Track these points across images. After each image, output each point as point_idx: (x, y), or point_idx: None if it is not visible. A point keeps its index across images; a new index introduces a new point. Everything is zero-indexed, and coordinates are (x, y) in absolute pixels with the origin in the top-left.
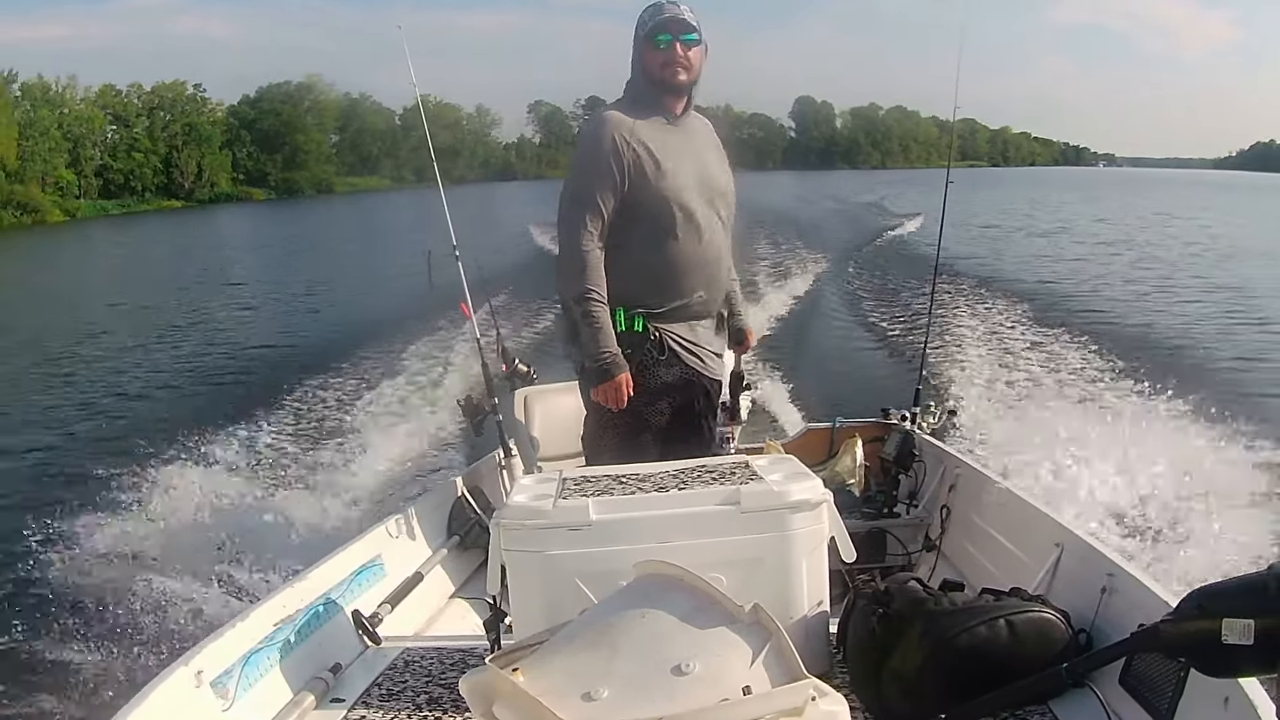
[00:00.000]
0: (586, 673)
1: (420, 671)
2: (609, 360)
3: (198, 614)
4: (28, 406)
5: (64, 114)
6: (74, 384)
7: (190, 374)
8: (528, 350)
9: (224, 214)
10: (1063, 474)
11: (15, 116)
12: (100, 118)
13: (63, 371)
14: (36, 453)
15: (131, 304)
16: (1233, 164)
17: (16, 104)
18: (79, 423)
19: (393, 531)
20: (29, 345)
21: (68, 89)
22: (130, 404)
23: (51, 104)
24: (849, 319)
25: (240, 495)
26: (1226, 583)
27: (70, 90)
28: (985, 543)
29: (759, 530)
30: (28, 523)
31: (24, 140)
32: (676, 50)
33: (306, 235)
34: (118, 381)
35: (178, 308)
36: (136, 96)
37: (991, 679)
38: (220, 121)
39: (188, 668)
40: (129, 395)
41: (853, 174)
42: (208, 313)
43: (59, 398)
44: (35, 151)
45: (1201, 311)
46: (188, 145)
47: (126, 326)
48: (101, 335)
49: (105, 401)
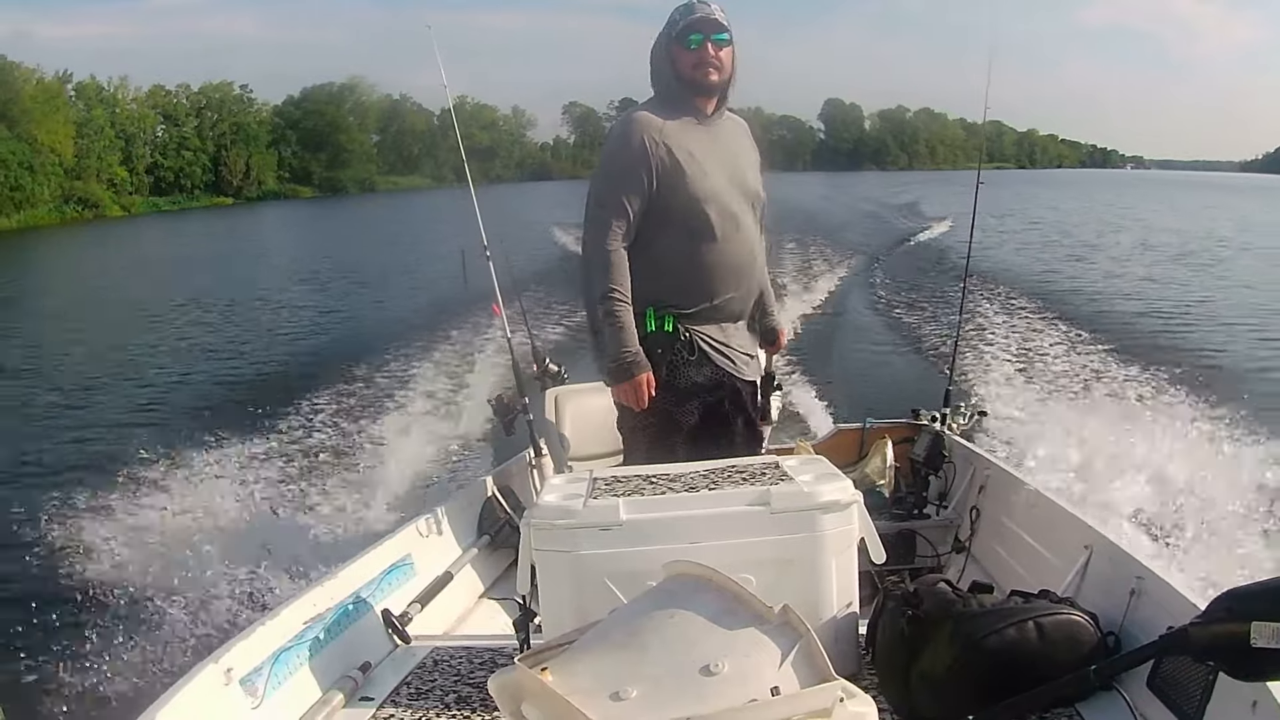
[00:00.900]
0: (615, 673)
1: (449, 671)
2: (630, 359)
3: (227, 612)
4: (76, 393)
5: (116, 113)
6: (109, 378)
7: (226, 371)
8: (558, 350)
9: (272, 211)
10: (1092, 476)
11: (72, 115)
12: (152, 117)
13: (107, 364)
14: (72, 443)
15: (182, 298)
16: (1258, 167)
17: (71, 103)
18: (111, 415)
19: (423, 531)
20: (81, 336)
21: (119, 89)
22: (165, 396)
23: (105, 104)
24: (879, 320)
25: (270, 494)
26: (1256, 585)
27: (122, 90)
28: (1014, 544)
29: (789, 531)
30: (59, 515)
31: (80, 138)
32: (708, 50)
33: (346, 233)
34: (153, 376)
35: (222, 305)
36: (185, 96)
37: (1020, 681)
38: (266, 121)
39: (217, 665)
40: (162, 388)
41: (881, 175)
42: (248, 309)
43: (97, 389)
44: (91, 149)
45: (1238, 316)
46: (236, 144)
47: (170, 322)
48: (148, 330)
49: (142, 394)
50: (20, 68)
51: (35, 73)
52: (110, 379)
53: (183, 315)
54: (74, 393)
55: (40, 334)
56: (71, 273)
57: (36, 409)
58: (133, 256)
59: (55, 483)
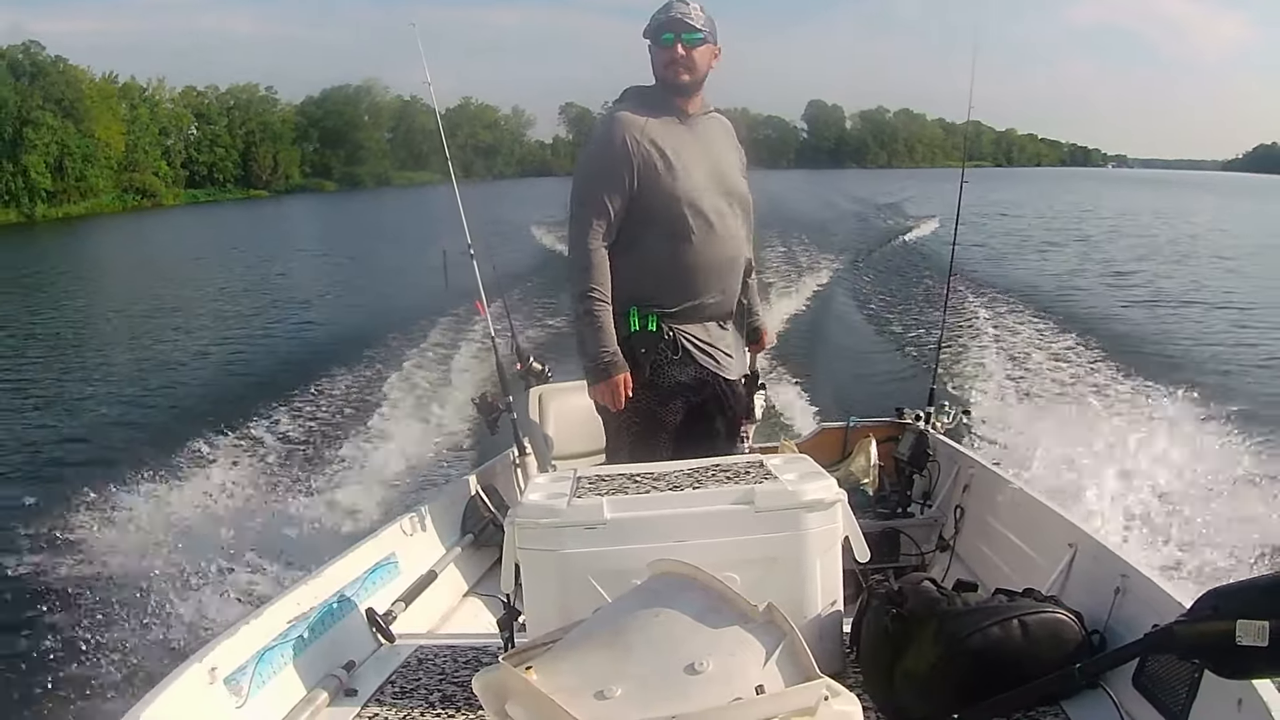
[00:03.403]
0: (600, 671)
1: (434, 669)
2: (607, 360)
3: (211, 611)
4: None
5: (155, 112)
6: (108, 379)
7: (216, 365)
8: (542, 348)
9: (301, 203)
10: (1076, 474)
11: (120, 113)
12: (187, 116)
13: (108, 361)
14: (49, 444)
15: (217, 288)
16: (1239, 166)
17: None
18: (87, 414)
19: (407, 529)
20: (88, 330)
21: (157, 89)
22: (152, 396)
23: (147, 103)
24: (863, 319)
25: (254, 492)
26: (1241, 584)
27: (159, 90)
28: (999, 543)
29: (773, 530)
30: (42, 513)
31: (128, 134)
32: (678, 50)
33: (348, 228)
34: (153, 378)
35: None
36: (214, 97)
37: (1005, 679)
38: (289, 120)
39: (201, 665)
40: (150, 388)
41: (861, 172)
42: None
43: (82, 386)
44: (138, 144)
45: (1220, 314)
46: (264, 141)
47: (180, 316)
48: (162, 324)
49: (127, 392)
50: (76, 68)
51: (87, 73)
52: (110, 379)
53: (195, 310)
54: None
55: (78, 319)
56: (129, 256)
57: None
58: (192, 242)
59: (36, 479)
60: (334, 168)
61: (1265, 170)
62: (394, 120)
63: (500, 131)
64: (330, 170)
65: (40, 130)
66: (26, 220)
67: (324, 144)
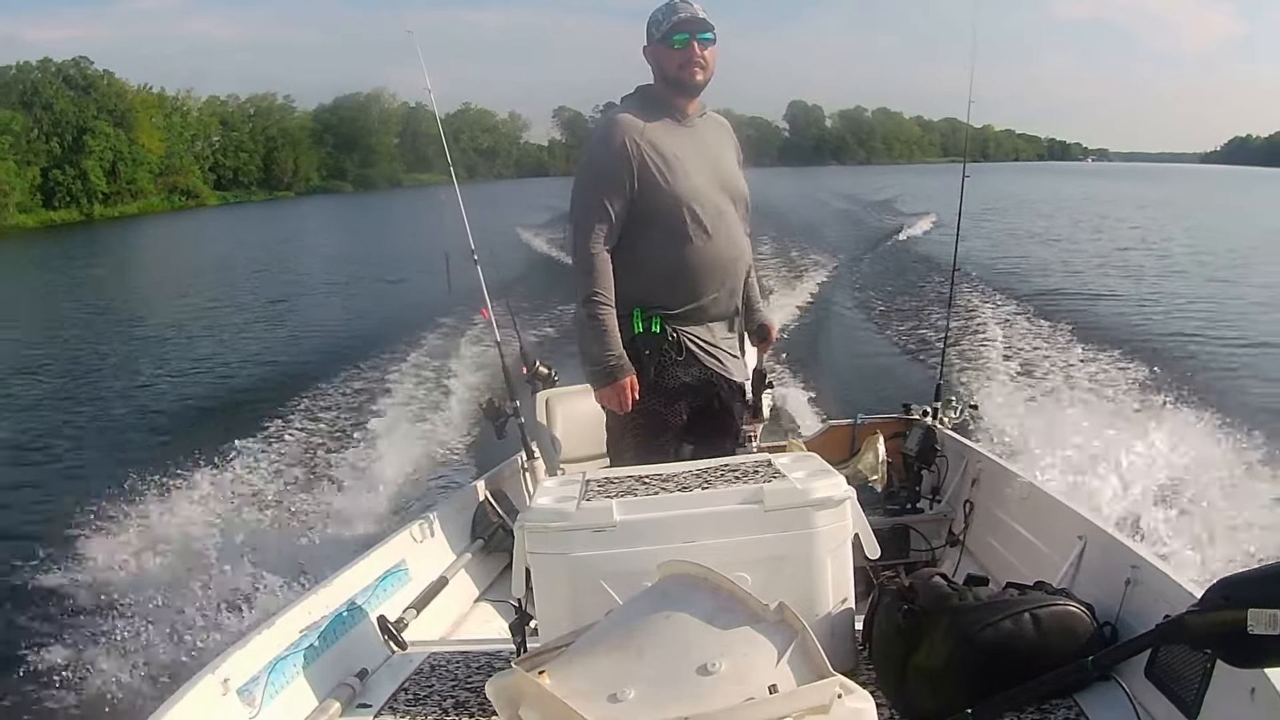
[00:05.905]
0: (613, 674)
1: (446, 676)
2: (613, 363)
3: (223, 622)
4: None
5: (187, 119)
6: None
7: (221, 373)
8: (548, 352)
9: (323, 203)
10: (1085, 466)
11: (158, 121)
12: (214, 123)
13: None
14: (55, 454)
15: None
16: (1217, 158)
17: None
18: (97, 424)
19: (416, 536)
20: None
21: (185, 99)
22: (160, 402)
23: (179, 111)
24: (868, 316)
25: (263, 501)
26: (1251, 572)
27: (187, 100)
28: (1008, 537)
29: (783, 528)
30: (53, 524)
31: (165, 140)
32: (694, 49)
33: (366, 229)
34: (152, 377)
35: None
36: (235, 105)
37: (1017, 673)
38: (306, 125)
39: (214, 675)
40: (156, 395)
41: (842, 169)
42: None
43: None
44: (175, 149)
45: (1228, 309)
46: (284, 146)
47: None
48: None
49: (133, 399)
50: (122, 81)
51: (127, 85)
52: (107, 381)
53: (210, 312)
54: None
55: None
56: (171, 253)
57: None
58: (253, 239)
59: (49, 490)
60: (349, 170)
61: (1239, 162)
62: (401, 125)
63: (499, 135)
64: (345, 173)
65: (98, 138)
66: (86, 219)
67: (338, 148)
